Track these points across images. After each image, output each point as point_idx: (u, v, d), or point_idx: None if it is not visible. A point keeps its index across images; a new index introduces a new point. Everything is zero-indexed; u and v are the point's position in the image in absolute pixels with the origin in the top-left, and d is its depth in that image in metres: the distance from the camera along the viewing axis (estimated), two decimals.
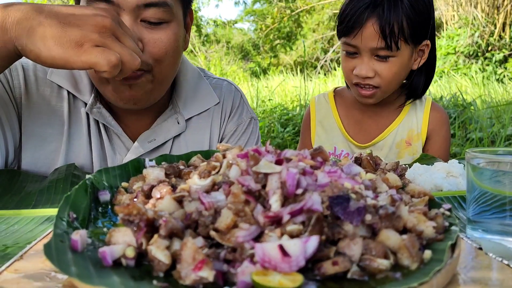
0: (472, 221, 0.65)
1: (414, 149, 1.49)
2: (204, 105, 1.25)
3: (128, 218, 0.46)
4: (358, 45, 1.31)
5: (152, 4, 0.96)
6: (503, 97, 5.79)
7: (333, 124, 1.54)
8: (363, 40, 1.29)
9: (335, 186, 0.48)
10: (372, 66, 1.32)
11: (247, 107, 1.36)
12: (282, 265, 0.40)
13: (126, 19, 0.94)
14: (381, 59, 1.32)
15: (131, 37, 0.83)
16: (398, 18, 1.26)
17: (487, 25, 8.96)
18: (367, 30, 1.28)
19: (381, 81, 1.34)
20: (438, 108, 1.53)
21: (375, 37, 1.27)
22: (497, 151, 0.68)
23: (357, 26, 1.28)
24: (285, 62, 12.83)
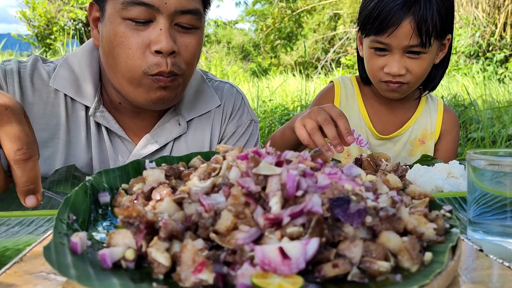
0: (472, 222, 0.64)
1: (427, 148, 1.51)
2: (205, 107, 1.26)
3: (128, 220, 0.46)
4: (391, 43, 1.29)
5: (188, 12, 1.02)
6: (504, 97, 5.78)
7: (356, 108, 1.53)
8: (398, 38, 1.28)
9: (335, 188, 0.47)
10: (404, 63, 1.31)
11: (248, 109, 1.37)
12: (282, 268, 0.40)
13: (163, 23, 1.00)
14: (413, 56, 1.31)
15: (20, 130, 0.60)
16: (433, 14, 1.26)
17: (488, 25, 8.95)
18: (403, 29, 1.26)
19: (411, 78, 1.33)
20: (450, 110, 1.58)
21: (410, 35, 1.26)
22: (498, 152, 0.68)
23: (393, 25, 1.26)
24: (286, 63, 12.83)
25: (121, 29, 1.00)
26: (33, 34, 10.51)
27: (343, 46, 11.28)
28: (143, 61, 1.01)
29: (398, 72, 1.30)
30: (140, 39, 1.00)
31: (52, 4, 10.56)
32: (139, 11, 0.98)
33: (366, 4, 1.35)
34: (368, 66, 1.41)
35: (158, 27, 1.00)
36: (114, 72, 1.06)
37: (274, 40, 13.55)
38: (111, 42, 1.02)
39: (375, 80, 1.40)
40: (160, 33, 0.99)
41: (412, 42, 1.27)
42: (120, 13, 0.99)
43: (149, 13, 0.99)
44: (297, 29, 13.52)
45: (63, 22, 10.69)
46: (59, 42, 9.75)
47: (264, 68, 12.41)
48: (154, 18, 1.00)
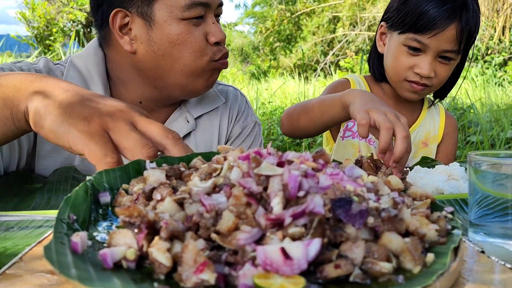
0: (474, 224, 0.64)
1: (430, 151, 1.53)
2: (212, 104, 1.32)
3: (129, 220, 0.46)
4: (430, 45, 1.28)
5: (221, 4, 1.18)
6: (503, 100, 5.79)
7: None
8: (439, 41, 1.27)
9: (337, 189, 0.47)
10: (435, 67, 1.31)
11: (252, 112, 1.42)
12: (284, 268, 0.39)
13: (211, 17, 1.15)
14: (444, 61, 1.31)
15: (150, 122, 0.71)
16: (476, 24, 1.28)
17: (487, 29, 8.97)
18: (447, 33, 1.26)
19: (436, 81, 1.34)
20: (451, 115, 1.62)
21: (452, 41, 1.27)
22: (499, 154, 0.68)
23: (439, 27, 1.26)
24: (285, 65, 12.84)
25: (183, 28, 1.10)
26: (32, 35, 10.51)
27: (342, 49, 11.30)
28: (207, 50, 1.13)
29: (429, 74, 1.30)
30: (198, 33, 1.12)
31: (52, 6, 10.57)
32: (199, 10, 1.10)
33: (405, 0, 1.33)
34: (394, 63, 1.38)
35: (210, 21, 1.14)
36: (168, 71, 1.13)
37: (273, 42, 13.56)
38: (172, 42, 1.10)
39: (399, 78, 1.37)
40: (214, 26, 1.14)
41: (451, 48, 1.28)
42: (181, 15, 1.09)
43: (204, 10, 1.11)
44: (297, 32, 13.54)
45: (62, 24, 10.70)
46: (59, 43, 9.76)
47: (263, 70, 12.42)
48: (205, 13, 1.13)
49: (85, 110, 0.68)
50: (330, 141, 1.61)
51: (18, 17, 10.53)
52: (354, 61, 9.47)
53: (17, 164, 1.07)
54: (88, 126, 0.66)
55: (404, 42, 1.33)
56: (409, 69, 1.33)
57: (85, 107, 0.68)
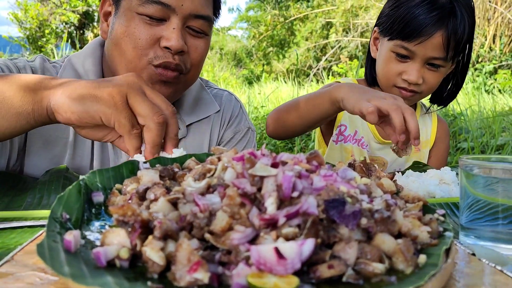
0: (465, 227, 0.65)
1: (422, 155, 1.54)
2: (205, 112, 1.30)
3: (122, 219, 0.46)
4: (417, 52, 1.29)
5: (201, 17, 1.08)
6: (493, 108, 5.85)
7: None
8: (426, 48, 1.28)
9: (331, 190, 0.48)
10: (423, 73, 1.32)
11: (246, 117, 1.41)
12: (278, 268, 0.39)
13: (175, 23, 1.05)
14: (432, 68, 1.32)
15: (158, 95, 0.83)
16: (463, 31, 1.27)
17: (478, 37, 9.07)
18: (433, 40, 1.27)
19: (425, 88, 1.34)
20: (442, 120, 1.62)
21: (439, 48, 1.27)
22: (490, 158, 0.68)
23: (425, 34, 1.26)
24: (278, 70, 12.88)
25: (134, 21, 1.05)
26: (24, 36, 10.45)
27: (335, 55, 11.35)
28: (150, 51, 1.06)
29: (416, 81, 1.30)
30: (151, 32, 1.05)
31: (45, 7, 10.52)
32: (155, 9, 1.03)
33: (395, 6, 1.34)
34: (383, 69, 1.39)
35: (171, 26, 1.05)
36: (117, 64, 1.09)
37: (266, 47, 13.60)
38: (122, 32, 1.06)
39: (388, 83, 1.38)
40: (172, 31, 1.04)
41: (438, 55, 1.28)
42: (136, 8, 1.04)
43: (164, 12, 1.04)
44: (290, 37, 13.59)
45: (55, 25, 10.65)
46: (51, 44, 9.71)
47: (256, 75, 12.44)
48: (168, 18, 1.05)
49: (106, 85, 0.78)
50: (322, 144, 1.61)
51: (11, 18, 10.47)
52: (348, 66, 9.52)
53: (8, 160, 1.06)
54: (114, 100, 0.76)
55: (392, 48, 1.34)
56: (398, 75, 1.34)
57: (105, 84, 0.78)
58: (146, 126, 0.78)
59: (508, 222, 0.61)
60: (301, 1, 13.52)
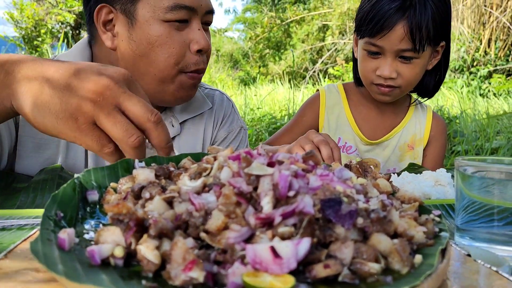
0: (460, 229, 0.65)
1: (416, 154, 1.53)
2: (198, 109, 1.30)
3: (117, 217, 0.45)
4: (384, 46, 1.30)
5: (211, 11, 1.14)
6: (487, 111, 5.88)
7: (342, 115, 1.54)
8: (391, 41, 1.28)
9: (327, 189, 0.47)
10: (396, 67, 1.32)
11: (238, 116, 1.41)
12: (273, 267, 0.39)
13: (198, 23, 1.10)
14: (404, 61, 1.31)
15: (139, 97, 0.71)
16: (427, 20, 1.26)
17: (473, 41, 9.12)
18: (396, 32, 1.27)
19: (402, 82, 1.34)
20: (438, 117, 1.60)
21: (403, 39, 1.27)
22: (486, 160, 0.68)
23: (386, 28, 1.27)
24: (274, 72, 12.89)
25: (163, 30, 1.07)
26: (20, 36, 10.41)
27: (331, 57, 11.38)
28: (183, 60, 1.09)
29: (389, 75, 1.31)
30: (181, 38, 1.08)
31: (41, 7, 10.49)
32: (182, 13, 1.06)
33: (363, 6, 1.36)
34: (360, 67, 1.41)
35: (195, 27, 1.10)
36: (143, 74, 1.10)
37: (263, 49, 13.61)
38: (152, 43, 1.07)
39: (367, 82, 1.40)
40: (198, 32, 1.10)
41: (404, 46, 1.27)
42: (163, 16, 1.06)
43: (188, 14, 1.08)
44: (286, 39, 13.61)
45: (51, 25, 10.62)
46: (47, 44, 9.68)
47: (253, 76, 12.45)
48: (190, 19, 1.09)
49: (69, 101, 0.66)
50: None
51: (6, 17, 10.43)
52: (344, 69, 9.54)
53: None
54: (77, 124, 0.66)
55: (364, 46, 1.36)
56: (373, 72, 1.35)
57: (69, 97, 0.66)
58: (123, 150, 0.68)
59: (503, 224, 0.61)
60: (298, 3, 13.55)
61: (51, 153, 1.11)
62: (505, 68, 8.93)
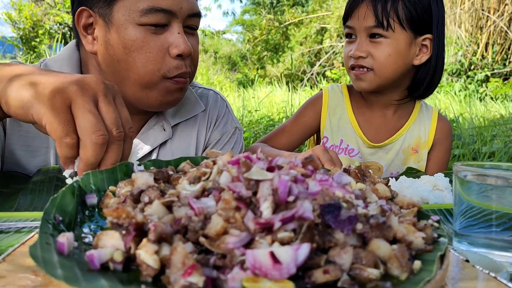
0: (458, 234, 0.65)
1: (420, 157, 1.49)
2: (190, 112, 1.27)
3: (117, 222, 0.45)
4: (355, 26, 1.35)
5: (195, 15, 1.09)
6: (485, 115, 5.90)
7: (345, 117, 1.52)
8: (358, 19, 1.34)
9: (327, 195, 0.47)
10: (366, 47, 1.35)
11: (232, 117, 1.38)
12: (273, 272, 0.39)
13: (178, 27, 1.05)
14: (375, 40, 1.34)
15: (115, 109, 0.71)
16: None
17: (471, 45, 9.15)
18: (361, 10, 1.33)
19: (374, 63, 1.35)
20: (444, 119, 1.56)
21: (369, 16, 1.32)
22: (484, 165, 0.69)
23: (354, 6, 1.35)
24: (272, 74, 12.90)
25: (139, 34, 1.02)
26: (18, 36, 10.39)
27: (329, 60, 11.40)
28: (163, 65, 1.04)
29: (359, 54, 1.34)
30: (159, 42, 1.03)
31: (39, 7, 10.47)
32: (159, 17, 1.02)
33: None
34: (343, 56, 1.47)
35: (175, 31, 1.04)
36: (124, 78, 1.06)
37: (261, 51, 13.63)
38: (128, 47, 1.02)
39: (347, 68, 1.44)
40: (178, 36, 1.04)
41: (371, 23, 1.32)
42: (138, 19, 1.01)
43: (167, 18, 1.03)
44: (284, 42, 13.63)
45: (49, 26, 10.60)
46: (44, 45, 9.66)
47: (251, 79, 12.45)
48: (169, 23, 1.04)
49: (52, 79, 0.67)
50: None
51: (4, 18, 10.41)
52: (341, 72, 9.55)
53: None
54: (53, 100, 0.65)
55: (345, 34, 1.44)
56: (348, 56, 1.39)
57: (52, 76, 0.68)
58: (82, 142, 0.66)
59: (501, 229, 0.61)
60: (296, 6, 13.57)
61: (42, 159, 1.10)
62: (502, 72, 8.97)
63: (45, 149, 1.10)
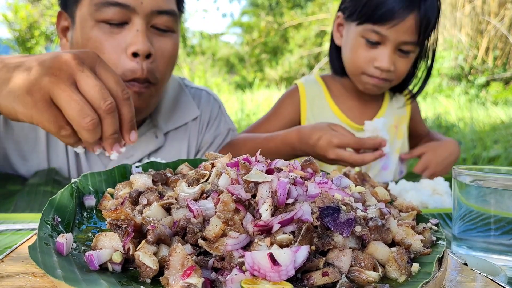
0: (457, 238, 0.65)
1: (400, 132, 1.49)
2: (183, 119, 1.23)
3: (116, 223, 0.45)
4: (389, 36, 1.23)
5: (164, 12, 0.99)
6: (485, 120, 5.90)
7: (326, 108, 1.48)
8: (399, 32, 1.22)
9: (326, 197, 0.48)
10: (394, 60, 1.26)
11: (225, 117, 1.34)
12: (272, 274, 0.39)
13: (139, 23, 0.96)
14: (403, 54, 1.26)
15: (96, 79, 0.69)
16: (434, 14, 1.23)
17: (471, 49, 9.16)
18: (407, 23, 1.21)
19: (395, 76, 1.29)
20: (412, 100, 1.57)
21: (411, 31, 1.22)
22: (483, 169, 0.69)
23: (398, 17, 1.20)
24: (271, 77, 12.90)
25: (94, 33, 0.96)
26: (14, 37, 10.37)
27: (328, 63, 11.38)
28: (118, 67, 0.96)
29: (388, 67, 1.25)
30: (115, 42, 0.96)
31: (35, 8, 10.46)
32: (113, 12, 0.95)
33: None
34: (352, 56, 1.32)
35: (134, 28, 0.96)
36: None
37: (259, 53, 13.63)
38: (83, 47, 0.97)
39: (357, 71, 1.32)
40: (136, 34, 0.96)
41: (410, 39, 1.22)
42: (93, 15, 0.95)
43: (124, 14, 0.96)
44: (283, 44, 13.64)
45: (45, 27, 10.58)
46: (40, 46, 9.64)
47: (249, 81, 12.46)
48: (129, 20, 0.97)
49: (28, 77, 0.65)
50: None
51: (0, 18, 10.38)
52: None
53: None
54: (33, 100, 0.65)
55: (362, 33, 1.27)
56: (368, 63, 1.28)
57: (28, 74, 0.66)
58: (77, 131, 0.67)
59: (500, 233, 0.61)
60: (295, 8, 13.58)
61: (36, 163, 1.09)
62: (503, 76, 8.98)
63: (35, 154, 1.09)
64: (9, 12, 10.51)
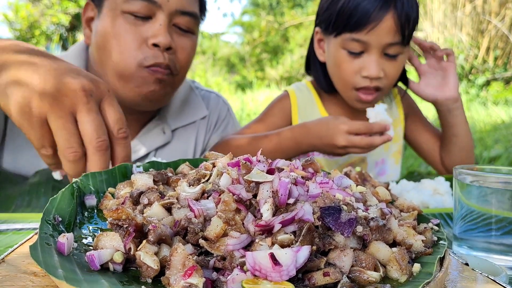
0: (458, 238, 0.65)
1: (396, 135, 1.44)
2: (192, 117, 1.26)
3: (117, 223, 0.45)
4: (370, 42, 1.15)
5: (187, 13, 1.05)
6: (485, 120, 5.90)
7: (317, 114, 1.42)
8: (379, 35, 1.14)
9: (327, 197, 0.47)
10: (382, 65, 1.18)
11: (234, 120, 1.37)
12: (273, 274, 0.39)
13: (162, 19, 1.01)
14: (390, 58, 1.18)
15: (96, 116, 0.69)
16: (413, 10, 1.16)
17: (472, 49, 9.16)
18: (385, 24, 1.13)
19: (387, 82, 1.21)
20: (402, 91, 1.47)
21: (392, 32, 1.14)
22: (484, 169, 0.69)
23: (374, 20, 1.13)
24: (271, 77, 12.89)
25: (119, 21, 1.01)
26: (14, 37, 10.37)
27: None
28: (139, 53, 1.01)
29: (377, 74, 1.16)
30: (138, 32, 1.01)
31: (36, 8, 10.46)
32: (141, 5, 1.00)
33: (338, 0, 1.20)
34: (339, 71, 1.23)
35: (157, 23, 1.01)
36: (105, 68, 1.05)
37: (260, 53, 13.62)
38: (107, 34, 1.02)
39: (348, 87, 1.24)
40: (159, 28, 1.01)
41: (394, 39, 1.15)
42: (121, 6, 1.00)
43: (149, 9, 1.00)
44: (284, 44, 13.63)
45: (45, 26, 10.58)
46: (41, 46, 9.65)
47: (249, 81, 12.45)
48: (154, 15, 1.02)
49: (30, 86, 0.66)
50: None
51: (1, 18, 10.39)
52: None
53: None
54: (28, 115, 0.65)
55: (342, 44, 1.19)
56: (356, 74, 1.19)
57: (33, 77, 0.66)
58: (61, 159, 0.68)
59: (501, 233, 0.61)
60: (296, 8, 13.58)
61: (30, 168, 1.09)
62: (503, 76, 8.97)
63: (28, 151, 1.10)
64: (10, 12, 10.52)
